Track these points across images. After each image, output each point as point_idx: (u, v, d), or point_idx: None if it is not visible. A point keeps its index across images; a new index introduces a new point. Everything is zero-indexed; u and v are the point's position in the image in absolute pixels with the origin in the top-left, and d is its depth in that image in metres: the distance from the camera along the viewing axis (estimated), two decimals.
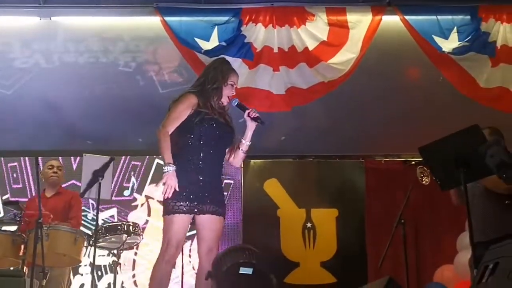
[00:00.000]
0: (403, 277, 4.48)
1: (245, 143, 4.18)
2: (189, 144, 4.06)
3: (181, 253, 4.23)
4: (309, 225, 7.22)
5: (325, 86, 5.68)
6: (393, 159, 7.52)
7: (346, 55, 5.67)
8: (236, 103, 4.18)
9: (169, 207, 3.96)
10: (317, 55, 5.67)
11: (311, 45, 5.68)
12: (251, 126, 4.15)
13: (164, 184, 3.90)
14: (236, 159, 4.24)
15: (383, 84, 6.38)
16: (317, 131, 7.07)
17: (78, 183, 6.05)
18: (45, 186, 5.89)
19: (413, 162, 5.58)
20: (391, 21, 5.76)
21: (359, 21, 5.69)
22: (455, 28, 5.70)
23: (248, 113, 4.14)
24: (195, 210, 3.97)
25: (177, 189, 3.90)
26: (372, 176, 7.38)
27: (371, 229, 7.10)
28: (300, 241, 7.16)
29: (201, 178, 4.00)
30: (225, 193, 5.45)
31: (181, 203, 3.92)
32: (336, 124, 6.96)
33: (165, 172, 3.91)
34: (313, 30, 5.69)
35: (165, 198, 3.93)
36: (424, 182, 4.35)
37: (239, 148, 4.20)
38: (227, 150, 4.21)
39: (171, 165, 3.92)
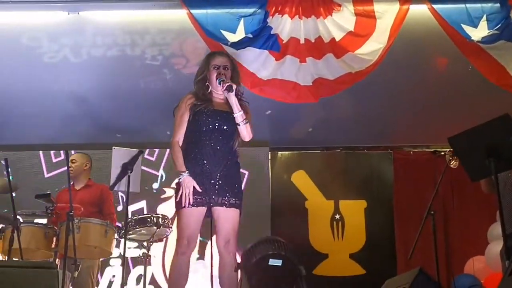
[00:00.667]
0: (434, 268, 4.44)
1: (236, 115, 4.16)
2: (192, 140, 4.17)
3: (210, 246, 4.25)
4: (337, 216, 7.21)
5: (352, 76, 5.62)
6: (422, 150, 7.47)
7: (373, 45, 5.60)
8: (219, 81, 4.23)
9: (178, 202, 4.05)
10: (344, 46, 5.61)
11: (338, 35, 5.62)
12: (228, 96, 4.16)
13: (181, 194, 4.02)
14: (242, 134, 4.22)
15: (411, 74, 6.32)
16: (344, 122, 7.04)
17: None
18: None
19: (442, 153, 5.53)
20: (419, 10, 5.67)
21: (386, 11, 5.61)
22: (484, 16, 5.60)
23: (222, 86, 4.17)
24: (203, 202, 4.03)
25: (199, 190, 4.01)
26: (401, 167, 7.36)
27: (400, 220, 7.08)
28: (329, 233, 7.16)
29: (205, 171, 4.06)
30: None
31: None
32: (363, 115, 6.93)
33: (179, 181, 4.06)
34: (340, 21, 5.63)
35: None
36: (452, 165, 4.36)
37: (238, 125, 4.19)
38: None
39: (182, 173, 4.05)
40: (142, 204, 7.03)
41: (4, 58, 6.06)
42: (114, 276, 6.95)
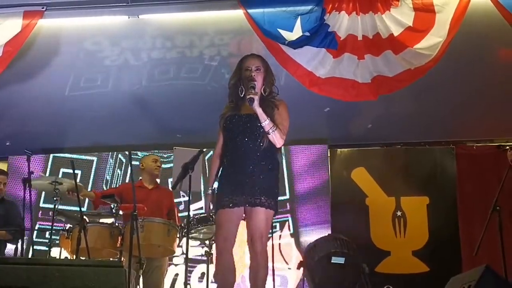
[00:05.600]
0: (500, 266, 4.35)
1: (263, 125, 4.10)
2: (226, 147, 4.24)
3: (271, 247, 4.24)
4: (399, 213, 7.14)
5: (412, 73, 5.51)
6: (486, 144, 7.31)
7: (433, 40, 5.48)
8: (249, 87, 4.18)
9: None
10: (403, 41, 5.51)
11: (396, 31, 5.53)
12: (252, 108, 4.11)
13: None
14: (272, 142, 4.14)
15: (473, 68, 6.18)
16: (404, 117, 6.95)
17: None
18: (144, 177, 6.04)
19: (507, 147, 5.39)
20: (481, 1, 5.53)
21: (446, 4, 5.48)
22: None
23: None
24: (236, 203, 4.05)
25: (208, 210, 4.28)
26: (464, 162, 7.22)
27: (464, 216, 6.95)
28: (391, 230, 7.09)
29: (232, 173, 4.11)
30: None
31: (222, 199, 4.10)
32: (424, 110, 6.82)
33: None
34: (398, 16, 5.54)
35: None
36: None
37: (268, 133, 4.13)
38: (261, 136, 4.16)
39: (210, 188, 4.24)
40: (203, 203, 7.11)
41: (68, 62, 6.24)
42: (177, 274, 7.06)
